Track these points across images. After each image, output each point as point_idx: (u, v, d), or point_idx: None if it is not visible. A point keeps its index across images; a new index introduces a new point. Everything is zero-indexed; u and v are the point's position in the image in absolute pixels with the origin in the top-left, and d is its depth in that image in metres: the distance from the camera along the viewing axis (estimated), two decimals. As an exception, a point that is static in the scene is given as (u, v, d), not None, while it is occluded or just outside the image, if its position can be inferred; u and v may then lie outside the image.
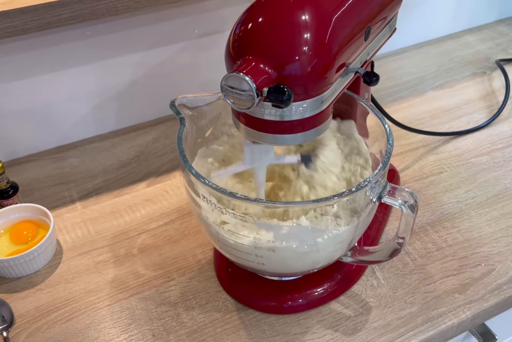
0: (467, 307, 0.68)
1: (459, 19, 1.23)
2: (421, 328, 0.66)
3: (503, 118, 0.98)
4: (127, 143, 0.96)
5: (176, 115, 0.61)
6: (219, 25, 0.94)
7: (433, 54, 1.18)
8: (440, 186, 0.85)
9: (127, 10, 0.80)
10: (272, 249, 0.58)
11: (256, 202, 0.54)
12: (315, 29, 0.49)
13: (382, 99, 1.02)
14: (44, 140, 0.94)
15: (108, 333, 0.66)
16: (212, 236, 0.63)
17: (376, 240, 0.76)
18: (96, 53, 0.89)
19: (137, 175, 0.89)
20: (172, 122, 1.00)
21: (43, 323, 0.67)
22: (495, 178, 0.86)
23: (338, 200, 0.55)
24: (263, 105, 0.50)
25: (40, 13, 0.75)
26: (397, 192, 0.57)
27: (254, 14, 0.51)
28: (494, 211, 0.80)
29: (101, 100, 0.95)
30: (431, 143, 0.93)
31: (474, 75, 1.10)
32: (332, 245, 0.60)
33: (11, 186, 0.79)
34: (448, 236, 0.77)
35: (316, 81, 0.50)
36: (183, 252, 0.75)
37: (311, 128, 0.55)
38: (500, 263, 0.73)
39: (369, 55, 0.62)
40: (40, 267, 0.73)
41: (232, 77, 0.48)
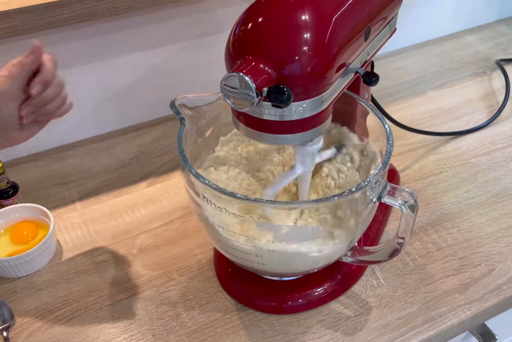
0: (467, 307, 0.68)
1: (459, 19, 1.23)
2: (421, 328, 0.66)
3: (503, 118, 0.98)
4: (127, 143, 0.96)
5: (176, 115, 0.61)
6: (219, 25, 0.94)
7: (433, 54, 1.18)
8: (440, 186, 0.85)
9: (127, 10, 0.81)
10: (272, 249, 0.58)
11: (256, 202, 0.54)
12: (315, 29, 0.49)
13: (382, 99, 1.02)
14: (44, 140, 0.94)
15: (108, 333, 0.66)
16: (212, 236, 0.63)
17: (376, 240, 0.76)
18: (96, 53, 0.89)
19: (137, 175, 0.89)
20: (172, 122, 1.00)
21: (43, 323, 0.67)
22: (495, 178, 0.86)
23: (338, 200, 0.55)
24: (263, 105, 0.50)
25: (40, 13, 0.75)
26: (397, 192, 0.57)
27: (254, 14, 0.51)
28: (494, 211, 0.80)
29: (101, 100, 0.95)
30: (431, 143, 0.93)
31: (474, 75, 1.10)
32: (331, 245, 0.60)
33: (11, 186, 0.79)
34: (448, 236, 0.77)
35: (316, 81, 0.50)
36: (183, 252, 0.75)
37: (311, 128, 0.55)
38: (500, 263, 0.73)
39: (369, 55, 0.62)
40: (40, 267, 0.73)
41: (232, 77, 0.48)
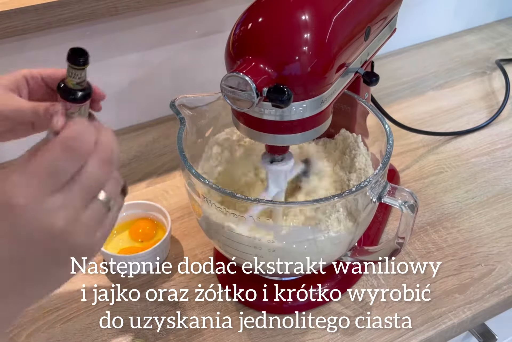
0: (467, 307, 0.68)
1: (459, 19, 1.23)
2: (421, 328, 0.66)
3: (503, 118, 0.98)
4: (127, 143, 0.96)
5: (176, 115, 0.61)
6: (219, 25, 0.94)
7: (433, 54, 1.18)
8: (440, 186, 0.85)
9: (127, 10, 0.80)
10: (272, 249, 0.58)
11: (256, 202, 0.54)
12: (315, 29, 0.49)
13: (382, 99, 1.01)
14: (44, 140, 0.94)
15: (108, 333, 0.66)
16: (212, 236, 0.63)
17: (376, 240, 0.76)
18: (96, 53, 0.88)
19: (137, 175, 0.89)
20: (172, 122, 0.99)
21: (43, 323, 0.67)
22: (495, 178, 0.86)
23: (338, 200, 0.55)
24: (263, 105, 0.50)
25: (40, 13, 0.75)
26: (397, 192, 0.57)
27: (254, 14, 0.51)
28: (494, 211, 0.80)
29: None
30: (431, 143, 0.93)
31: (474, 75, 1.10)
32: (331, 245, 0.60)
33: (83, 90, 0.50)
34: (448, 236, 0.77)
35: (316, 81, 0.50)
36: (183, 252, 0.75)
37: (311, 128, 0.54)
38: (500, 263, 0.73)
39: (369, 55, 0.62)
40: (148, 269, 0.72)
41: (232, 77, 0.48)
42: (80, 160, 0.36)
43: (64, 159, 0.35)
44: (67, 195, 0.35)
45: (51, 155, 0.35)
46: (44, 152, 0.35)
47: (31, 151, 0.37)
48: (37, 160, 0.35)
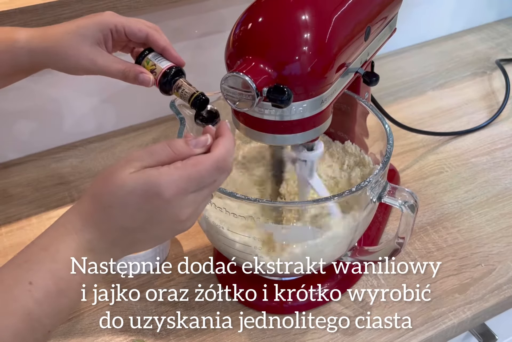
0: (467, 307, 0.68)
1: (459, 19, 1.23)
2: (421, 328, 0.66)
3: (503, 118, 0.98)
4: (127, 143, 0.96)
5: (176, 115, 0.61)
6: (219, 25, 0.94)
7: (433, 54, 1.18)
8: (440, 186, 0.85)
9: (127, 10, 0.80)
10: (272, 249, 0.58)
11: (256, 202, 0.54)
12: (315, 29, 0.49)
13: (382, 99, 1.01)
14: (44, 140, 0.93)
15: (108, 333, 0.66)
16: (212, 236, 0.63)
17: (376, 240, 0.76)
18: (96, 53, 0.89)
19: (137, 175, 0.89)
20: (172, 122, 0.99)
21: (43, 323, 0.67)
22: (495, 178, 0.86)
23: (338, 200, 0.55)
24: (263, 105, 0.50)
25: (40, 13, 0.75)
26: (397, 192, 0.57)
27: (254, 14, 0.51)
28: (494, 211, 0.80)
29: (101, 100, 0.94)
30: (431, 143, 0.93)
31: (474, 75, 1.10)
32: (331, 245, 0.60)
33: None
34: (448, 236, 0.77)
35: (316, 81, 0.50)
36: (183, 252, 0.75)
37: (311, 128, 0.55)
38: (500, 263, 0.73)
39: (369, 55, 0.62)
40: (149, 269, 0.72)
41: (232, 77, 0.48)
42: (220, 176, 0.45)
43: (211, 176, 0.44)
44: (196, 197, 0.45)
45: (204, 171, 0.44)
46: (198, 166, 0.43)
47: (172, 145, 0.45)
48: (190, 169, 0.43)
